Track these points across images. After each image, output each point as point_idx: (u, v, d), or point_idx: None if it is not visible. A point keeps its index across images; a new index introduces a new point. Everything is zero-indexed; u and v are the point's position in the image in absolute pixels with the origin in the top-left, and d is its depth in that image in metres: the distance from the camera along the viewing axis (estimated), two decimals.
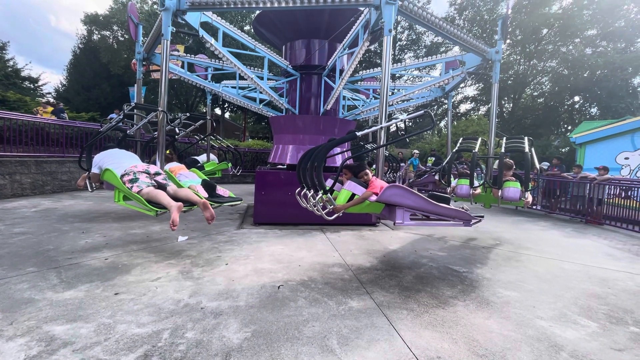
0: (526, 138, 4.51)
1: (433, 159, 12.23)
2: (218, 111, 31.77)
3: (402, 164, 10.23)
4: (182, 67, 6.76)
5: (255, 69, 7.32)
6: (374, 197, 2.77)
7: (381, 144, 3.11)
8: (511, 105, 26.00)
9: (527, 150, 4.19)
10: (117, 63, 27.11)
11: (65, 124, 8.97)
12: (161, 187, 3.20)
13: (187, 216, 5.72)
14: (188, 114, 5.08)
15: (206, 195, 3.56)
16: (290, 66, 5.78)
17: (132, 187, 3.10)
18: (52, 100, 28.09)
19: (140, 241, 4.16)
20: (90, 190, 3.83)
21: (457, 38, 4.16)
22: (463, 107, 29.53)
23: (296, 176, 3.47)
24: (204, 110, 32.94)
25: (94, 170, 3.65)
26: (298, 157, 6.08)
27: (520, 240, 5.27)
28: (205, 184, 3.69)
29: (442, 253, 4.33)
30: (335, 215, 2.83)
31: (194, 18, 4.02)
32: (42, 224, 4.80)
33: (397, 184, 2.81)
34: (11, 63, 30.19)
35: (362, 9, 4.41)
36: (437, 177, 7.74)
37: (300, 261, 3.70)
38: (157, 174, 3.39)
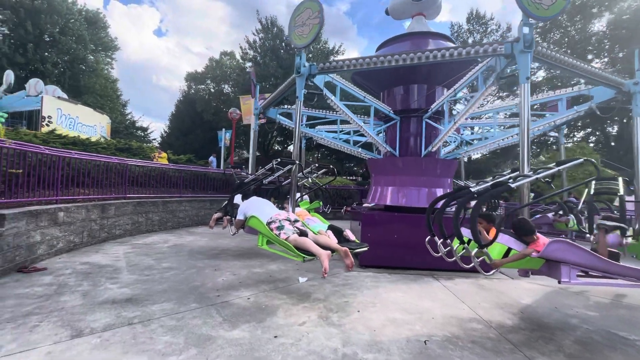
0: None
1: (532, 194, 11.03)
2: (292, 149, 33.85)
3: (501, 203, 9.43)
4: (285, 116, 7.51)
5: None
6: (535, 253, 2.60)
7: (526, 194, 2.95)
8: (615, 128, 22.70)
9: None
10: (208, 111, 31.20)
11: (184, 168, 10.43)
12: (302, 233, 3.49)
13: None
14: (317, 165, 5.57)
15: (336, 240, 3.76)
16: (391, 111, 6.01)
17: (279, 234, 3.44)
18: (158, 146, 33.12)
19: (267, 281, 4.48)
20: (232, 233, 4.33)
21: (591, 74, 3.89)
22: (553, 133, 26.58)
23: (425, 224, 3.47)
24: (277, 148, 35.51)
25: (239, 217, 4.15)
26: (399, 199, 6.09)
27: None
28: (334, 229, 3.91)
29: (592, 312, 3.76)
30: (493, 271, 2.72)
31: (319, 80, 4.53)
32: (180, 259, 5.51)
33: (561, 238, 2.60)
34: (129, 117, 37.04)
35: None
36: (552, 217, 6.94)
37: (429, 312, 3.57)
38: (296, 221, 3.72)
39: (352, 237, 3.95)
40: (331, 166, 5.55)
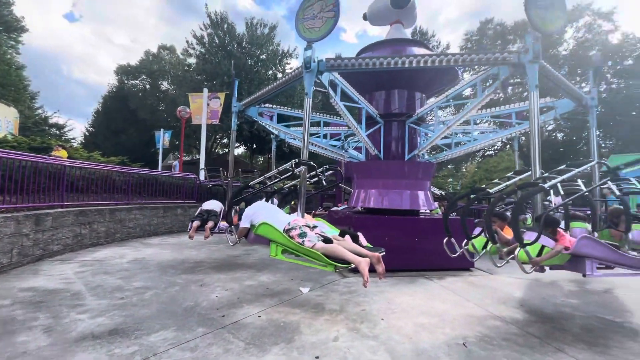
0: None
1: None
2: (239, 150, 32.42)
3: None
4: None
5: (322, 114, 7.69)
6: (564, 250, 2.78)
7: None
8: (523, 139, 26.48)
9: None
10: (144, 109, 28.30)
11: (132, 171, 9.10)
12: (327, 240, 3.21)
13: (274, 265, 5.60)
14: (327, 167, 5.24)
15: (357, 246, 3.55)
16: (378, 115, 6.05)
17: (302, 242, 3.11)
18: (60, 143, 28.73)
19: (266, 294, 4.07)
20: (231, 244, 3.82)
21: (566, 87, 4.42)
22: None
23: (444, 226, 3.52)
24: (218, 152, 33.61)
25: (244, 224, 3.67)
26: (383, 201, 6.15)
27: None
28: (350, 235, 3.68)
29: (573, 300, 4.21)
30: (533, 268, 2.82)
31: (325, 78, 4.32)
32: (151, 276, 4.73)
33: (588, 235, 2.83)
34: (39, 111, 31.60)
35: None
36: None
37: (447, 314, 3.59)
38: (315, 227, 3.42)
39: (365, 242, 3.80)
40: (339, 168, 5.33)
